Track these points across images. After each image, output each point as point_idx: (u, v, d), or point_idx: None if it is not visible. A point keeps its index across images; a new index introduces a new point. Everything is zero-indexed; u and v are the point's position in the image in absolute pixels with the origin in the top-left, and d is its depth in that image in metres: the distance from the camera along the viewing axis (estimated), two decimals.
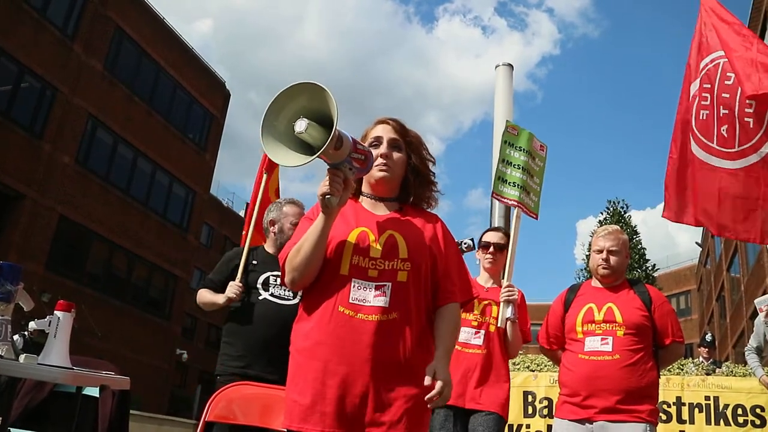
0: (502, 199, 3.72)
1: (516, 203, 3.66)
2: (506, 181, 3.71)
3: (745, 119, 3.52)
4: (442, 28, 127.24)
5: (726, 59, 3.66)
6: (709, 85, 3.73)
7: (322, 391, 1.83)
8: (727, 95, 3.64)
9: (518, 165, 3.75)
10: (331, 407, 1.81)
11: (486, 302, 3.44)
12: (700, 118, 3.74)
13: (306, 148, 1.83)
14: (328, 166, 1.87)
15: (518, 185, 3.70)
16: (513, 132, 3.84)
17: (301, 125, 1.77)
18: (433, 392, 1.82)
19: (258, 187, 4.27)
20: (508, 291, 3.34)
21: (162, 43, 20.63)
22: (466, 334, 3.36)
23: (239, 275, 3.48)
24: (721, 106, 3.64)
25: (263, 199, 4.16)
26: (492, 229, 3.81)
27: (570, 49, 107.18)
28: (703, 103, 3.76)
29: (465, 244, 3.50)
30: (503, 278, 3.46)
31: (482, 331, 3.39)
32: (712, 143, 3.64)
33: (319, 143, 1.77)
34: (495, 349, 3.37)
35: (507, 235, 3.63)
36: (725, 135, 3.61)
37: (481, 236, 3.69)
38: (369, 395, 1.83)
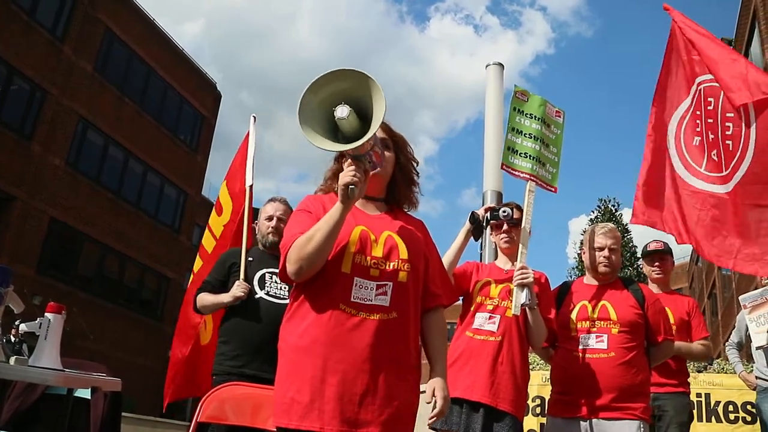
0: (513, 172, 3.36)
1: (528, 176, 3.32)
2: (517, 151, 3.37)
3: (726, 142, 3.58)
4: (434, 27, 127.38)
5: (707, 84, 3.74)
6: (699, 112, 3.78)
7: (320, 389, 1.82)
8: (711, 120, 3.70)
9: (530, 134, 3.41)
10: (330, 405, 1.80)
11: (504, 285, 3.09)
12: (693, 144, 3.79)
13: (331, 131, 1.81)
14: (349, 157, 1.86)
15: (531, 156, 3.36)
16: (522, 98, 3.48)
17: (343, 111, 1.76)
18: (434, 411, 1.91)
19: (241, 174, 4.34)
20: (522, 273, 2.98)
21: (152, 44, 20.56)
22: (480, 320, 3.04)
23: (242, 274, 3.47)
24: (709, 132, 3.69)
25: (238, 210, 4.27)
26: (503, 205, 3.42)
27: (564, 48, 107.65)
28: (696, 129, 3.79)
29: (504, 213, 3.16)
30: (517, 260, 3.11)
31: (497, 316, 3.02)
32: (701, 168, 3.70)
33: (351, 132, 1.76)
34: (512, 338, 3.00)
35: (520, 209, 3.26)
36: (716, 159, 3.63)
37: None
38: (368, 394, 1.83)
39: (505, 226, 3.21)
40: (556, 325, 3.16)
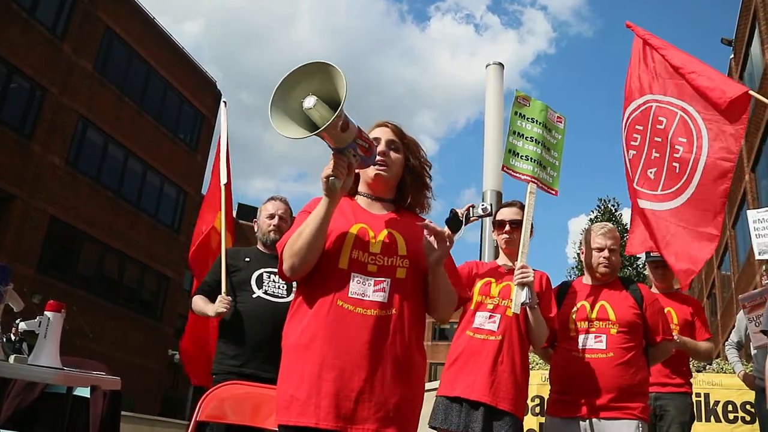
0: (514, 174, 3.39)
1: (530, 178, 3.35)
2: (518, 154, 3.41)
3: (673, 164, 3.63)
4: (435, 26, 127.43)
5: (661, 105, 3.79)
6: (641, 127, 3.82)
7: (317, 385, 1.82)
8: (660, 139, 3.74)
9: (531, 137, 3.46)
10: (327, 401, 1.80)
11: (504, 284, 3.08)
12: (628, 156, 3.86)
13: (312, 126, 1.83)
14: (332, 150, 1.87)
15: (532, 159, 3.40)
16: (524, 103, 3.52)
17: (309, 101, 1.79)
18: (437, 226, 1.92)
19: (217, 184, 4.35)
20: (522, 272, 2.95)
21: (152, 43, 20.55)
22: (480, 319, 3.03)
23: (223, 287, 3.47)
24: (654, 149, 3.74)
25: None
26: (506, 204, 3.39)
27: (564, 48, 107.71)
28: (632, 143, 3.85)
29: (482, 206, 3.10)
30: (517, 259, 3.10)
31: (498, 316, 3.01)
32: (634, 183, 3.80)
33: (325, 122, 1.78)
34: (513, 337, 2.99)
35: (523, 207, 3.26)
36: (651, 177, 3.72)
37: (495, 213, 3.35)
38: (365, 390, 1.83)
39: (507, 227, 3.22)
40: (556, 324, 3.16)
